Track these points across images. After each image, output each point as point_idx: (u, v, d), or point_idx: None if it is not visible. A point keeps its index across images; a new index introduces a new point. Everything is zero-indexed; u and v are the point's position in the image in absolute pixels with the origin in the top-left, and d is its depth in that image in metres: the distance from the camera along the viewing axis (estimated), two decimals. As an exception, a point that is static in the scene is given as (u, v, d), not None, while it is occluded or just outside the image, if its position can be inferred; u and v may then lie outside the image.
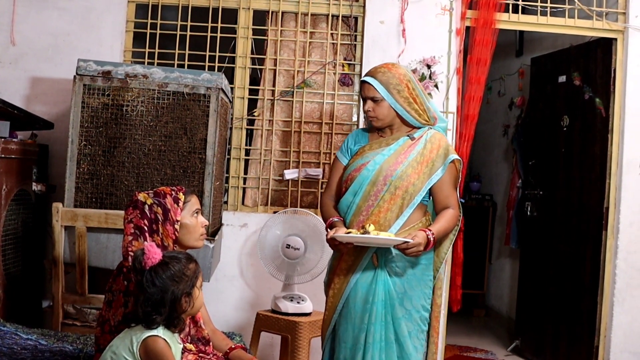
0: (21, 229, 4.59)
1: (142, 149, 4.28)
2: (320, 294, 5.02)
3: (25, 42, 5.17)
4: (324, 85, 5.24)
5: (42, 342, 3.53)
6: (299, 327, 4.48)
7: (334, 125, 5.24)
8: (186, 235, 3.03)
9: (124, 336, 2.69)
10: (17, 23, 5.16)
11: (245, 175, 5.29)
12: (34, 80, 5.17)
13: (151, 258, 2.67)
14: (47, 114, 5.02)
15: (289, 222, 4.75)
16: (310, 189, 5.26)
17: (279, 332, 4.60)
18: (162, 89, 4.29)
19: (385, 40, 5.17)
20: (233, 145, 5.23)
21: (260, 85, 5.30)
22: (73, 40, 5.15)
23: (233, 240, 5.16)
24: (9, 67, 5.18)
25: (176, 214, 3.00)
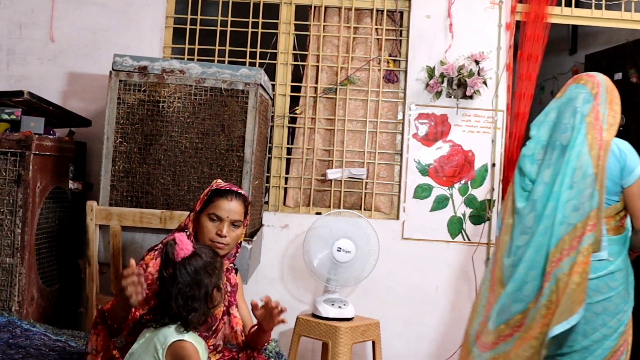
0: (57, 227, 4.50)
1: (179, 146, 4.15)
2: (364, 299, 4.88)
3: (64, 38, 5.11)
4: (368, 82, 5.07)
5: (72, 344, 3.42)
6: (339, 332, 4.31)
7: (379, 123, 5.06)
8: (200, 234, 2.91)
9: (147, 343, 2.55)
10: (56, 20, 5.10)
11: (286, 175, 5.14)
12: (73, 76, 5.10)
13: (183, 249, 2.59)
14: (85, 111, 4.94)
15: (338, 223, 4.60)
16: (353, 189, 5.09)
17: (318, 338, 4.44)
18: (199, 85, 4.15)
19: (431, 36, 4.98)
20: (274, 144, 5.09)
21: (302, 82, 5.14)
22: (112, 37, 5.07)
23: (274, 241, 5.01)
24: (48, 64, 5.12)
25: (198, 205, 2.88)
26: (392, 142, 5.08)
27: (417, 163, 4.97)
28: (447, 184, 4.96)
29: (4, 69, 5.15)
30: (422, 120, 4.97)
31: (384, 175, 5.08)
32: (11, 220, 4.08)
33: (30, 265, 4.14)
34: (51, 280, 4.43)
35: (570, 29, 7.02)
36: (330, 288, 4.59)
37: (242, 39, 5.13)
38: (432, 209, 4.97)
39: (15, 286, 4.05)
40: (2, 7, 5.15)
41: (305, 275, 4.96)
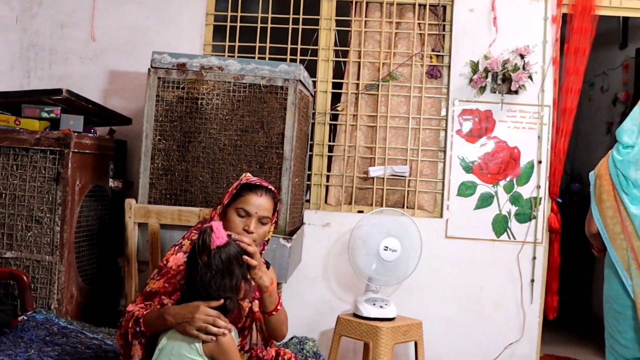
0: (97, 225, 4.49)
1: (217, 143, 4.11)
2: (406, 299, 4.79)
3: (104, 37, 5.12)
4: (410, 78, 4.97)
5: (108, 342, 3.41)
6: (380, 332, 4.23)
7: (422, 120, 4.96)
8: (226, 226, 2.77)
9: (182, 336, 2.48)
10: (96, 19, 5.12)
11: (328, 173, 5.07)
12: (113, 75, 5.11)
13: (219, 238, 2.54)
14: (126, 110, 4.94)
15: (384, 222, 4.51)
16: (396, 187, 5.00)
17: (359, 338, 4.36)
18: (237, 82, 4.11)
19: (475, 30, 4.87)
20: (315, 141, 5.02)
21: (344, 78, 5.07)
22: (152, 35, 5.06)
23: (315, 240, 4.95)
24: (89, 63, 5.14)
25: (225, 198, 2.81)
26: (436, 139, 4.98)
27: (461, 160, 4.86)
28: (491, 182, 4.85)
29: (47, 69, 5.18)
30: (466, 116, 4.86)
31: (427, 173, 4.98)
32: (50, 218, 4.08)
33: (70, 263, 4.14)
34: (91, 278, 4.42)
35: (621, 21, 6.83)
36: (373, 287, 4.51)
37: (283, 36, 5.08)
38: (476, 206, 4.86)
39: (55, 284, 4.05)
40: (44, 7, 5.18)
41: (347, 274, 4.89)
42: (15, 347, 3.19)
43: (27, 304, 3.79)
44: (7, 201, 4.12)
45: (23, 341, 3.28)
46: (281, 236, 4.04)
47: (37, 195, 4.09)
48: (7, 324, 3.47)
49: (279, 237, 4.02)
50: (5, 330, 3.38)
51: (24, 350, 3.15)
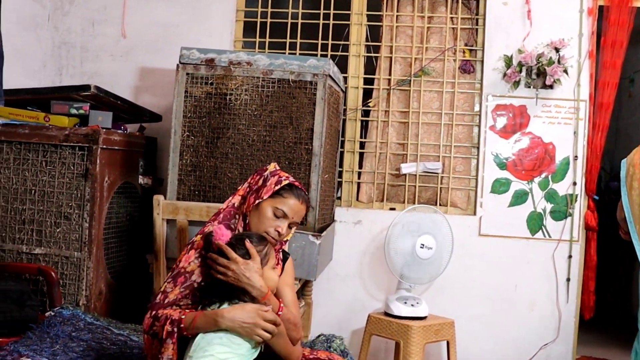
0: (126, 222, 4.48)
1: (246, 139, 4.07)
2: (438, 297, 4.71)
3: (135, 34, 5.13)
4: (443, 73, 4.89)
5: (133, 338, 3.38)
6: (411, 331, 4.16)
7: (455, 115, 4.87)
8: (255, 219, 2.76)
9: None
10: (127, 16, 5.13)
11: (359, 170, 5.01)
12: (144, 72, 5.11)
13: (220, 240, 2.58)
14: (156, 107, 4.93)
15: (419, 219, 4.44)
16: (429, 184, 4.92)
17: (390, 337, 4.29)
18: (266, 77, 4.07)
19: (509, 23, 4.77)
20: (347, 138, 4.97)
21: (375, 74, 5.00)
22: (182, 31, 5.05)
23: (346, 237, 4.89)
24: (120, 60, 5.15)
25: (265, 193, 2.76)
26: (469, 135, 4.89)
27: (494, 156, 4.77)
28: (526, 178, 4.75)
29: (78, 66, 5.20)
30: (500, 112, 4.76)
31: (460, 170, 4.89)
32: (79, 215, 4.07)
33: (99, 260, 4.13)
34: (120, 275, 4.40)
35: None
36: (405, 285, 4.44)
37: (314, 31, 5.03)
38: (510, 204, 4.76)
39: (83, 280, 4.04)
40: (76, 5, 5.19)
41: (378, 272, 4.83)
42: (41, 342, 3.18)
43: (55, 299, 3.78)
44: (36, 197, 4.12)
45: (49, 336, 3.27)
46: (310, 233, 3.98)
47: (66, 191, 4.09)
48: (34, 319, 3.47)
49: (307, 233, 3.98)
50: (32, 325, 3.37)
51: (50, 345, 3.13)
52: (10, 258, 4.13)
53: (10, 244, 4.14)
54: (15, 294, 3.49)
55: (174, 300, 2.60)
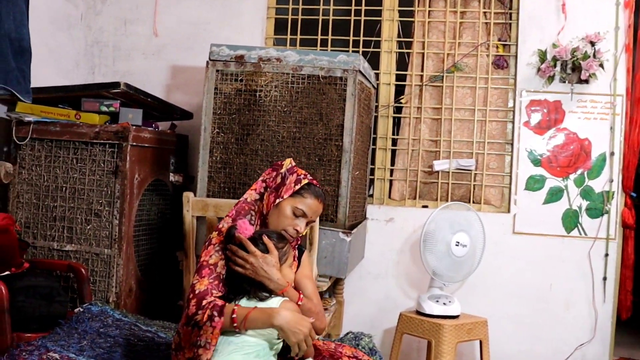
0: (157, 219, 4.48)
1: (276, 136, 4.04)
2: (471, 296, 4.65)
3: (166, 32, 5.13)
4: (476, 69, 4.82)
5: (161, 335, 3.36)
6: (443, 330, 4.10)
7: (488, 112, 4.80)
8: (274, 217, 2.77)
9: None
10: (159, 14, 5.13)
11: (391, 167, 4.95)
12: (175, 70, 5.11)
13: (243, 234, 2.60)
14: (187, 104, 4.93)
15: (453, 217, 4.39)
16: (462, 181, 4.85)
17: (422, 336, 4.23)
18: (296, 73, 4.04)
19: (543, 17, 4.68)
20: (379, 135, 4.92)
21: (407, 70, 4.94)
22: (213, 29, 5.05)
23: (378, 235, 4.84)
24: (152, 58, 5.16)
25: (285, 192, 2.75)
26: (502, 131, 4.82)
27: (529, 153, 4.69)
28: (561, 175, 4.66)
29: (110, 65, 5.22)
30: (534, 107, 4.68)
31: (494, 166, 4.81)
32: (109, 212, 4.07)
33: (129, 257, 4.13)
34: (150, 272, 4.40)
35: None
36: (438, 284, 4.38)
37: (345, 28, 4.99)
38: (545, 201, 4.67)
39: (113, 277, 4.04)
40: (108, 4, 5.21)
41: (411, 270, 4.78)
42: (69, 337, 3.17)
43: (85, 296, 3.78)
44: (67, 194, 4.13)
45: (77, 332, 3.26)
46: (340, 230, 3.95)
47: (96, 188, 4.09)
48: (62, 315, 3.47)
49: (338, 231, 3.94)
50: (61, 321, 3.37)
51: (77, 341, 3.13)
52: (42, 255, 4.15)
53: (42, 240, 4.16)
54: (45, 289, 3.49)
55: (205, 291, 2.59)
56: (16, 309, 3.31)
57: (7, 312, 3.20)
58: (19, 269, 3.63)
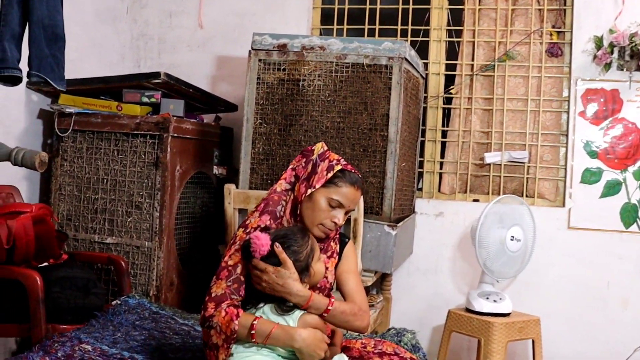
0: (200, 212, 4.41)
1: (320, 126, 3.93)
2: (524, 294, 4.47)
3: (212, 24, 5.07)
4: (529, 57, 4.62)
5: (197, 328, 3.27)
6: (493, 328, 3.93)
7: (542, 102, 4.61)
8: (308, 210, 2.59)
9: None
10: (204, 6, 5.08)
11: (441, 160, 4.79)
12: (220, 62, 5.04)
13: (258, 251, 2.41)
14: (233, 96, 4.86)
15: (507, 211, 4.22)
16: (514, 174, 4.67)
17: (470, 334, 4.07)
18: (340, 61, 3.92)
19: (598, 3, 4.46)
20: (428, 127, 4.77)
21: (457, 59, 4.78)
22: (258, 20, 4.96)
23: (427, 230, 4.69)
24: (197, 51, 5.11)
25: (317, 181, 2.59)
26: (557, 122, 4.62)
27: (584, 144, 4.48)
28: (619, 167, 4.44)
29: (156, 58, 5.17)
30: (590, 97, 4.47)
31: (548, 159, 4.62)
32: (150, 204, 4.01)
33: (170, 250, 4.05)
34: (192, 265, 4.32)
35: None
36: (489, 280, 4.22)
37: (393, 17, 4.85)
38: (602, 195, 4.46)
39: (154, 270, 3.97)
40: (154, -3, 5.19)
41: (460, 266, 4.62)
42: (104, 329, 3.11)
43: (124, 289, 3.72)
44: (108, 186, 4.09)
45: (112, 324, 3.20)
46: (386, 223, 3.81)
47: (137, 180, 4.04)
48: (98, 307, 3.41)
49: (383, 224, 3.81)
50: (97, 313, 3.31)
51: (111, 333, 3.06)
52: (83, 247, 4.12)
53: (83, 233, 4.13)
54: (81, 281, 3.44)
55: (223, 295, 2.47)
56: (51, 300, 3.26)
57: (42, 303, 3.16)
58: (57, 260, 3.60)
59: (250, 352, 2.39)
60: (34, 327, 3.15)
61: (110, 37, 5.07)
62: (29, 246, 3.27)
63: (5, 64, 3.09)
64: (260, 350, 2.39)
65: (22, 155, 3.26)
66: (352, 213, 3.57)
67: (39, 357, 2.67)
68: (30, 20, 3.19)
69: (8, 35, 3.11)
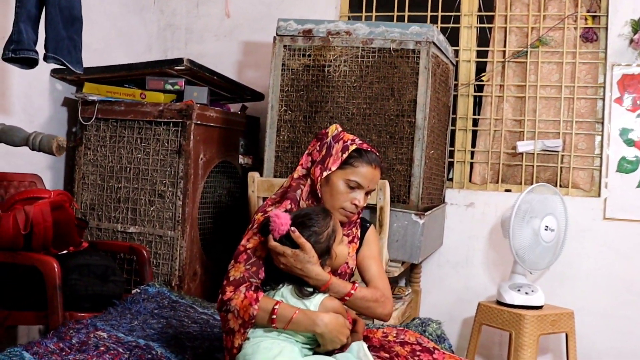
0: (225, 202, 4.34)
1: (345, 113, 3.84)
2: (557, 287, 4.33)
3: (239, 13, 5.02)
4: (563, 43, 4.48)
5: (217, 317, 3.20)
6: (524, 321, 3.80)
7: (576, 88, 4.46)
8: (327, 195, 2.51)
9: None
10: (231, -6, 5.01)
11: (472, 149, 4.67)
12: (248, 51, 4.99)
13: (278, 230, 2.31)
14: (261, 86, 4.77)
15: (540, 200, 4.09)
16: (548, 163, 4.52)
17: (501, 327, 3.95)
18: (366, 46, 3.82)
19: (636, -16, 4.32)
20: (459, 115, 4.65)
21: (489, 46, 4.65)
22: (286, 8, 4.89)
23: (458, 221, 4.58)
24: (224, 40, 5.07)
25: (332, 163, 2.50)
26: (592, 109, 4.46)
27: (621, 132, 4.32)
28: (657, 156, 4.30)
29: (183, 48, 5.12)
30: (627, 83, 4.31)
31: (583, 147, 4.46)
32: (173, 192, 3.95)
33: (192, 240, 3.99)
34: (217, 255, 4.24)
35: None
36: (520, 270, 4.09)
37: (422, 3, 4.74)
38: (639, 184, 4.30)
39: (176, 260, 3.90)
40: (181, -14, 5.13)
41: (492, 258, 4.50)
42: (121, 317, 3.05)
43: (146, 278, 3.66)
44: (131, 175, 4.03)
45: (130, 312, 3.14)
46: (413, 212, 3.70)
47: (160, 168, 3.98)
48: (117, 296, 3.36)
49: (410, 212, 3.70)
50: (115, 301, 3.25)
51: (129, 321, 3.00)
52: (106, 237, 4.07)
53: (106, 222, 4.08)
54: (99, 268, 3.39)
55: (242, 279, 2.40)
56: (69, 287, 3.22)
57: (60, 290, 3.11)
58: (77, 248, 3.55)
59: (268, 337, 2.31)
60: (51, 314, 3.11)
61: (137, 28, 5.02)
62: (47, 232, 3.22)
63: (21, 45, 3.04)
64: (280, 336, 2.31)
65: (40, 139, 3.21)
66: (378, 201, 3.48)
67: (52, 344, 2.61)
68: (46, 2, 3.13)
69: (24, 16, 3.05)
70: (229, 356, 2.38)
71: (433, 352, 2.55)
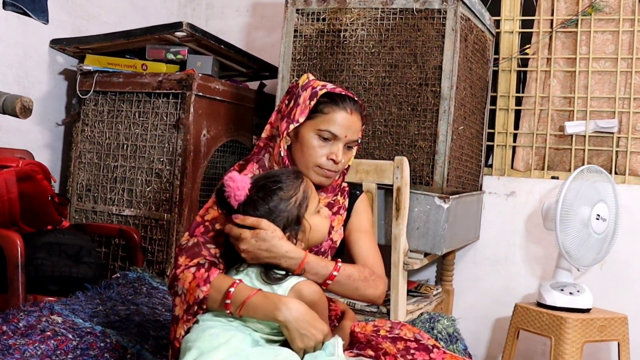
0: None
1: (362, 82, 3.40)
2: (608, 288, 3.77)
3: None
4: (619, 9, 3.93)
5: (196, 306, 2.81)
6: (565, 325, 3.26)
7: (634, 61, 3.90)
8: (298, 153, 2.11)
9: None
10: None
11: (515, 131, 4.15)
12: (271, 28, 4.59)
13: (234, 196, 1.90)
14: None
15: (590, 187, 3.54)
16: (601, 146, 3.97)
17: (539, 332, 3.41)
18: (386, 7, 3.37)
19: None
20: (499, 93, 4.15)
21: (534, 15, 4.14)
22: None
23: (496, 212, 4.06)
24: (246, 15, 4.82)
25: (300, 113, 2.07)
26: (652, 85, 3.91)
27: (686, 110, 3.77)
28: None
29: (203, 24, 4.78)
30: (693, 52, 3.77)
31: (642, 128, 3.92)
32: (170, 171, 3.56)
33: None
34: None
35: None
36: (566, 265, 3.55)
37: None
38: None
39: (172, 246, 3.51)
40: (202, -41, 4.80)
41: (535, 254, 3.96)
42: (87, 302, 2.71)
43: (136, 264, 3.29)
44: (128, 153, 3.69)
45: (100, 297, 2.80)
46: (436, 195, 3.21)
47: (158, 145, 3.62)
48: (90, 279, 2.99)
49: (433, 195, 3.21)
50: (87, 285, 2.88)
51: (94, 307, 2.65)
52: (102, 220, 3.72)
53: (102, 204, 3.73)
54: (72, 248, 3.02)
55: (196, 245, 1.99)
56: (34, 267, 2.88)
57: (22, 269, 2.74)
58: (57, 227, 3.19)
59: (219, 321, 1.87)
60: (11, 296, 2.74)
61: (157, 4, 4.72)
62: (12, 205, 2.87)
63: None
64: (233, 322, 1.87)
65: (3, 100, 2.86)
66: (395, 181, 3.02)
67: (-5, 326, 2.28)
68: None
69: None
70: (171, 350, 1.96)
71: (431, 351, 2.07)
